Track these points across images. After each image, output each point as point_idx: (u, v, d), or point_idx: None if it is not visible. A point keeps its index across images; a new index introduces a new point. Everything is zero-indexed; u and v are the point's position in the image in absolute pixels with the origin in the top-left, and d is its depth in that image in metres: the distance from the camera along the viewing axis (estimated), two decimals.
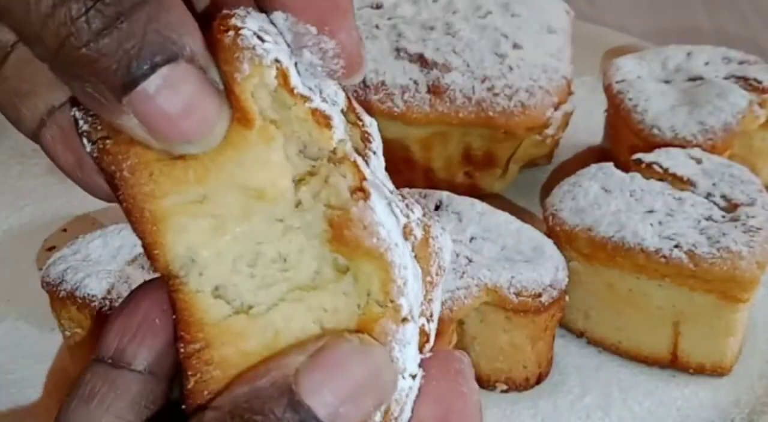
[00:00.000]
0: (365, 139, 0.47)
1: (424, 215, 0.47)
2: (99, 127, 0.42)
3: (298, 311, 0.43)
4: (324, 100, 0.45)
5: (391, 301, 0.42)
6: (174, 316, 0.43)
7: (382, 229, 0.42)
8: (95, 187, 0.45)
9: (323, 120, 0.44)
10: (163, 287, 0.44)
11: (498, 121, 0.99)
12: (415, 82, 0.99)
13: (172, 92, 0.40)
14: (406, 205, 0.46)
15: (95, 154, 0.42)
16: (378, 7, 1.08)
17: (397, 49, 1.01)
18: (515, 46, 1.03)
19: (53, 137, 0.45)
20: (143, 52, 0.39)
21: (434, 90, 0.99)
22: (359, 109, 0.48)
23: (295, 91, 0.43)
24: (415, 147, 1.03)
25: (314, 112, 0.43)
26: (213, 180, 0.43)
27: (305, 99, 0.43)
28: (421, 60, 1.00)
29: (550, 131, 1.01)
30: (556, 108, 1.01)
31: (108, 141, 0.42)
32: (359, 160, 0.44)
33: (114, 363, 0.44)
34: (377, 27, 1.04)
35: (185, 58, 0.40)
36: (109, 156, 0.42)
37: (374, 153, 0.47)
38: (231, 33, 0.42)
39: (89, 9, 0.38)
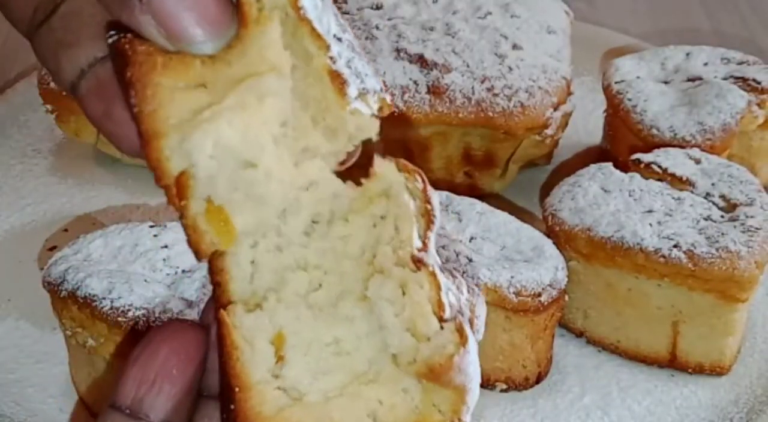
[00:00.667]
0: (429, 219, 0.48)
1: (468, 291, 0.48)
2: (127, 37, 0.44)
3: (356, 404, 0.45)
4: (348, 67, 0.46)
5: (459, 419, 0.45)
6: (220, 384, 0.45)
7: (472, 367, 0.45)
8: (122, 138, 0.47)
9: (336, 78, 0.46)
10: (181, 331, 0.46)
11: (498, 122, 0.99)
12: (415, 83, 1.00)
13: None
14: (457, 287, 0.47)
15: (115, 43, 0.45)
16: (378, 7, 1.08)
17: (397, 50, 1.02)
18: (515, 46, 1.03)
19: (89, 89, 0.47)
20: None
21: (434, 90, 0.99)
22: (430, 190, 0.48)
23: (302, 14, 0.45)
24: (415, 147, 1.03)
25: (329, 67, 0.45)
26: (217, 73, 0.45)
27: (313, 31, 0.45)
28: (421, 60, 1.00)
29: (549, 131, 1.01)
30: (556, 108, 1.01)
31: (130, 36, 0.44)
32: (438, 272, 0.46)
33: (132, 413, 0.44)
34: (377, 27, 1.04)
35: None
36: (128, 46, 0.44)
37: (432, 233, 0.48)
38: None
39: None
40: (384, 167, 0.47)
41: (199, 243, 0.48)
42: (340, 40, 0.47)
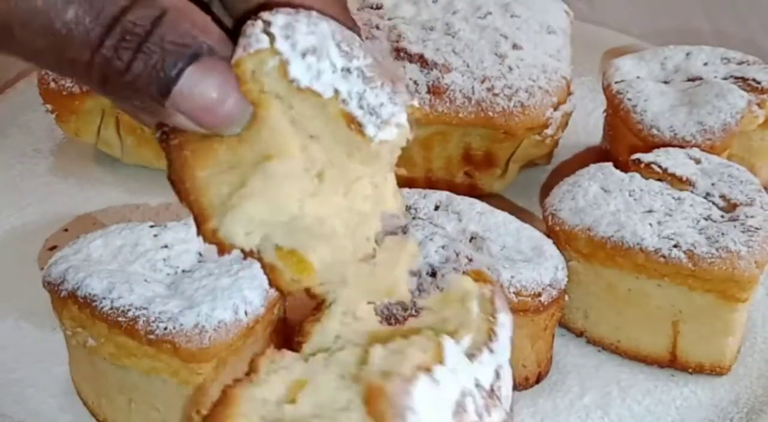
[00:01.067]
0: (490, 335, 0.52)
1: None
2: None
3: None
4: (361, 108, 0.52)
5: None
6: None
7: (413, 417, 0.46)
8: None
9: (349, 119, 0.51)
10: None
11: (498, 121, 0.99)
12: (415, 83, 1.00)
13: (203, 85, 0.49)
14: (485, 407, 0.50)
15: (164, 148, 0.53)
16: (378, 7, 1.08)
17: (397, 50, 1.01)
18: (515, 46, 1.03)
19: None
20: (166, 62, 0.48)
21: (434, 90, 0.99)
22: (499, 304, 0.54)
23: (296, 85, 0.50)
24: (415, 147, 1.03)
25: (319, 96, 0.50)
26: (242, 154, 0.52)
27: (314, 93, 0.50)
28: (422, 60, 1.00)
29: (549, 131, 1.01)
30: (556, 108, 1.02)
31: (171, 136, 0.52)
32: (448, 344, 0.50)
33: None
34: (377, 27, 1.04)
35: (204, 53, 0.49)
36: (164, 144, 0.53)
37: (491, 351, 0.52)
38: (252, 22, 0.49)
39: (117, 48, 0.48)
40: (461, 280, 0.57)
41: (278, 281, 0.55)
42: (348, 70, 0.51)
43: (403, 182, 1.03)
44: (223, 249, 0.54)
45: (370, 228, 0.56)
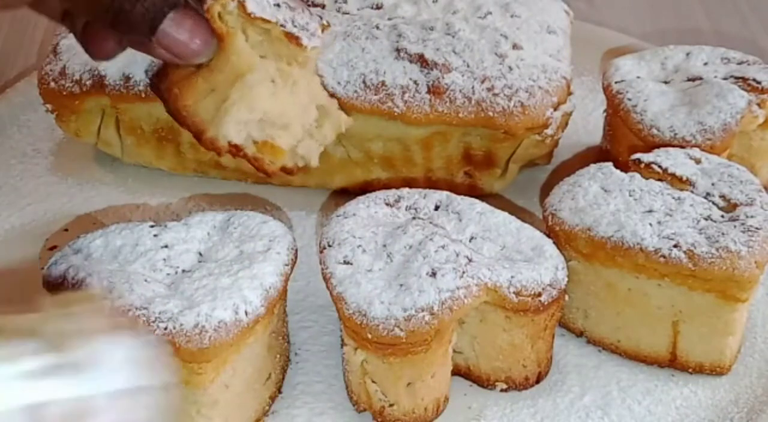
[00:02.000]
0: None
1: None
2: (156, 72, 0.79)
3: None
4: (295, 27, 0.79)
5: None
6: None
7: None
8: None
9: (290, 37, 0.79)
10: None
11: (498, 121, 0.99)
12: (416, 83, 0.99)
13: (179, 26, 0.73)
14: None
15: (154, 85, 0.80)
16: (378, 7, 1.08)
17: (398, 50, 1.01)
18: (515, 46, 1.03)
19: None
20: (156, 7, 0.71)
21: (434, 90, 0.99)
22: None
23: (252, 16, 0.76)
24: (415, 147, 1.03)
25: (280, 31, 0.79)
26: (216, 80, 0.78)
27: (264, 21, 0.77)
28: (422, 60, 1.00)
29: (549, 131, 1.01)
30: (556, 108, 1.01)
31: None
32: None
33: None
34: (377, 27, 1.04)
35: (181, 4, 0.72)
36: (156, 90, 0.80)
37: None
38: None
39: None
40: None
41: (262, 167, 0.83)
42: (278, 5, 0.79)
43: (403, 182, 1.03)
44: (219, 150, 0.81)
45: (311, 113, 0.87)
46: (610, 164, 0.93)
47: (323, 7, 1.08)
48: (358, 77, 0.99)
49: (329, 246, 0.83)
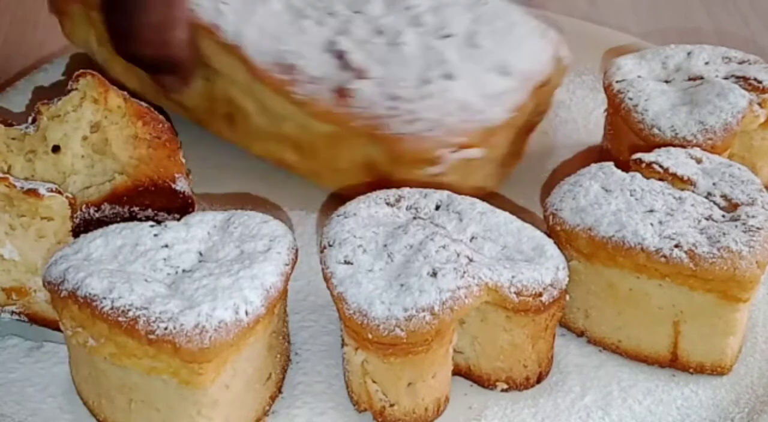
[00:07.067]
0: None
1: None
2: None
3: None
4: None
5: None
6: None
7: None
8: None
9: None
10: None
11: (386, 142, 0.96)
12: (326, 78, 0.97)
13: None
14: None
15: None
16: None
17: (331, 42, 0.99)
18: (447, 76, 0.97)
19: None
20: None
21: (339, 91, 0.96)
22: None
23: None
24: (320, 141, 1.01)
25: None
26: None
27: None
28: (342, 59, 0.98)
29: (435, 169, 0.96)
30: (456, 150, 0.96)
31: None
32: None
33: None
34: (331, 14, 1.02)
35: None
36: None
37: None
38: None
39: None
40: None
41: None
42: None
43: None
44: None
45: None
46: (611, 164, 0.93)
47: None
48: (276, 53, 0.97)
49: (330, 245, 0.83)
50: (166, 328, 0.74)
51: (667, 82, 1.04)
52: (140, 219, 0.91)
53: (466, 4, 1.06)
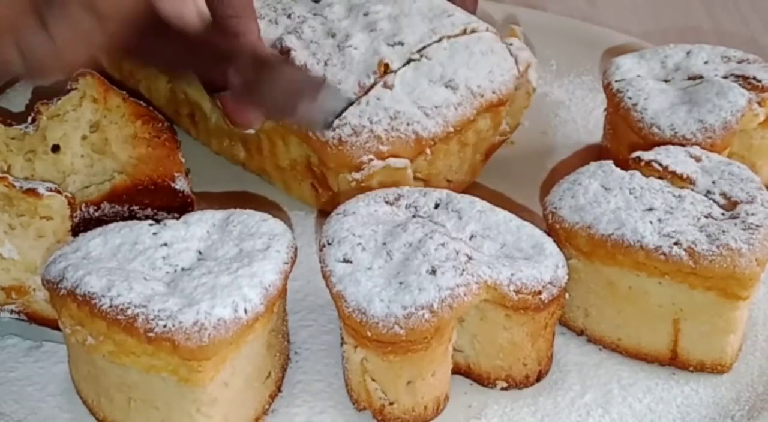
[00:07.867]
0: None
1: None
2: None
3: None
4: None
5: None
6: None
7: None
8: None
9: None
10: None
11: (312, 142, 0.96)
12: None
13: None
14: None
15: None
16: (316, 0, 1.05)
17: (280, 38, 0.99)
18: (385, 84, 0.96)
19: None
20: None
21: None
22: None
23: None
24: (263, 137, 1.02)
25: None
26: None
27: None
28: (287, 57, 0.98)
29: (357, 175, 0.95)
30: (383, 158, 0.94)
31: None
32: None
33: None
34: (289, 16, 1.02)
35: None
36: None
37: None
38: None
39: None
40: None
41: None
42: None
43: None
44: None
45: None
46: (610, 162, 0.93)
47: None
48: None
49: (329, 244, 0.83)
50: (165, 326, 0.74)
51: (666, 81, 1.04)
52: (139, 218, 0.91)
53: (428, 15, 1.03)
